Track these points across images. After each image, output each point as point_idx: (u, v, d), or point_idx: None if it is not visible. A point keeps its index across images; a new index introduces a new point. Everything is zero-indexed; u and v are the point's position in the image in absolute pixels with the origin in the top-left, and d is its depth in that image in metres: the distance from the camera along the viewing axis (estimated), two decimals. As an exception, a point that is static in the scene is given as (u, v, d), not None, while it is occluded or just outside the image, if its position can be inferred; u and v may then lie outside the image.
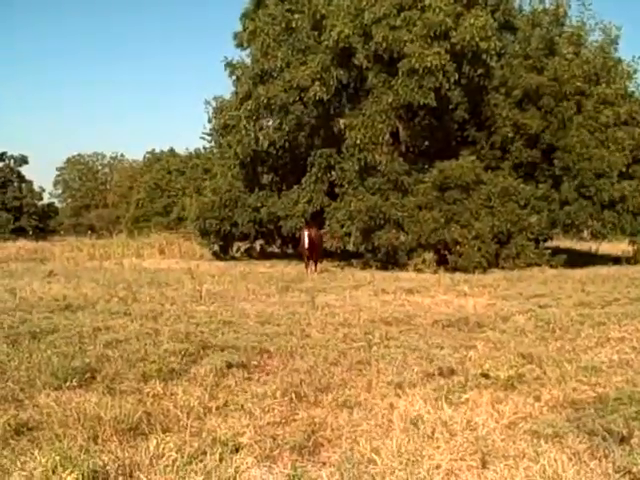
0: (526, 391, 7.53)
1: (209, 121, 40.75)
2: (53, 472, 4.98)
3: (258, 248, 37.38)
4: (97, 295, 16.51)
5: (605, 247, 35.20)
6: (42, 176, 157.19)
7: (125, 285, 18.70)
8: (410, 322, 12.43)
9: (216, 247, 35.92)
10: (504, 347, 9.94)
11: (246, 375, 8.37)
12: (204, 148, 63.36)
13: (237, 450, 5.73)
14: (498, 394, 7.35)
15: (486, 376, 8.05)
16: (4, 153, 74.86)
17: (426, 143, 30.17)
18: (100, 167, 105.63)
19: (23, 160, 75.48)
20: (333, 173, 29.92)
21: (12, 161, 75.41)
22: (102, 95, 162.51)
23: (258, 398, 7.22)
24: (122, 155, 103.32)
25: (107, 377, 8.09)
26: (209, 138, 48.78)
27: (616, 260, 29.29)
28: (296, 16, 29.78)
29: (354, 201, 27.47)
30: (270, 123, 32.79)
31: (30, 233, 68.06)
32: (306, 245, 25.72)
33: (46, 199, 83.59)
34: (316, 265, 26.26)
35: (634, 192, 28.19)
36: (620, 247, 33.32)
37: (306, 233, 25.84)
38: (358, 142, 27.51)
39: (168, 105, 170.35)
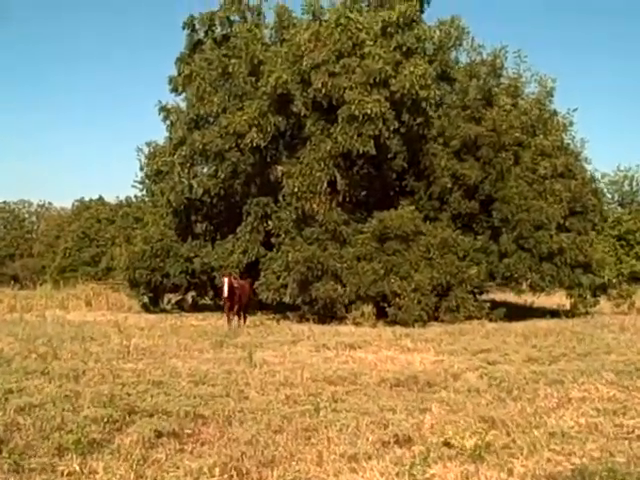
0: (496, 463, 6.76)
1: (141, 168, 39.28)
2: None
3: (190, 300, 36.00)
4: (14, 351, 15.26)
5: (540, 300, 35.12)
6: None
7: (46, 340, 17.38)
8: (356, 381, 11.61)
9: (146, 299, 34.40)
10: (461, 409, 9.23)
11: (178, 446, 7.41)
12: (135, 196, 61.98)
13: None
14: (466, 467, 6.58)
15: (449, 445, 7.28)
16: None
17: (364, 193, 29.59)
18: (27, 215, 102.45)
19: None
20: (269, 222, 29.00)
21: None
22: (32, 140, 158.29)
23: (193, 476, 6.28)
24: (50, 203, 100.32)
25: (16, 450, 7.07)
26: (140, 186, 47.42)
27: (553, 313, 29.11)
28: (233, 61, 29.14)
29: (291, 251, 26.54)
30: (205, 170, 31.97)
31: (-53, 282, 64.86)
32: (225, 294, 23.71)
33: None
34: (245, 318, 24.78)
35: (571, 244, 28.12)
36: (554, 300, 33.25)
37: (226, 280, 23.90)
38: (296, 190, 26.73)
39: (98, 153, 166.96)
